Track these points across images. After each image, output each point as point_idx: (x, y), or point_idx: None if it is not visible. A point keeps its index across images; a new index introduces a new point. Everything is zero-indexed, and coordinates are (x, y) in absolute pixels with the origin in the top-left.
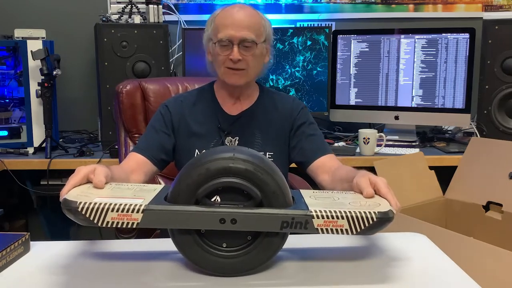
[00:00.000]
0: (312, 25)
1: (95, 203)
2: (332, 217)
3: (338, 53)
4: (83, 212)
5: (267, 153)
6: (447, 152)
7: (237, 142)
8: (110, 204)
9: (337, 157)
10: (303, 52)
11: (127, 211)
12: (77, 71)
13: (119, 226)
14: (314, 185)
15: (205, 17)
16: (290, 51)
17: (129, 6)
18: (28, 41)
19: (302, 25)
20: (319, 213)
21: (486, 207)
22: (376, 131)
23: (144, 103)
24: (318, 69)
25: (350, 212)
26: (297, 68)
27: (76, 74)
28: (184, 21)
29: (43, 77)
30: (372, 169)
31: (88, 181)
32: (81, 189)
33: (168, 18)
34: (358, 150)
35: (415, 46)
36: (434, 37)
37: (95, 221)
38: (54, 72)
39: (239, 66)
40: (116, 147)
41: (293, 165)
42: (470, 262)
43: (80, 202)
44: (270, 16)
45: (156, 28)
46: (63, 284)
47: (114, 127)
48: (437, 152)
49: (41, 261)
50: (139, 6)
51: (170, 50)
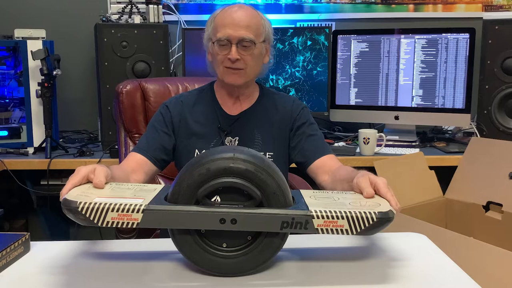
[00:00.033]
0: (312, 25)
1: (95, 203)
2: (332, 217)
3: (338, 53)
4: (83, 212)
5: (267, 153)
6: (447, 152)
7: (237, 142)
8: (110, 204)
9: (337, 157)
10: (303, 52)
11: (127, 211)
12: (77, 71)
13: (119, 226)
14: (314, 185)
15: (205, 17)
16: (290, 51)
17: (129, 6)
18: (28, 41)
19: (302, 25)
20: (319, 213)
21: (486, 207)
22: (376, 131)
23: (144, 103)
24: (318, 69)
25: (350, 212)
26: (297, 68)
27: (76, 74)
28: (184, 21)
29: (43, 77)
30: (372, 169)
31: (88, 181)
32: (81, 189)
33: (168, 18)
34: (358, 150)
35: (415, 46)
36: (434, 37)
37: (95, 221)
38: (54, 72)
39: (238, 65)
40: (116, 147)
41: (293, 165)
42: (470, 262)
43: (80, 202)
44: (270, 16)
45: (156, 28)
46: (63, 284)
47: (114, 127)
48: (437, 152)
49: (41, 261)
50: (139, 6)
51: (170, 50)
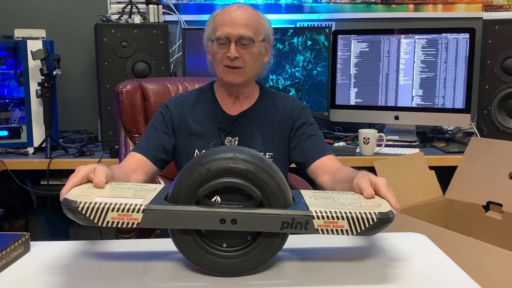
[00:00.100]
0: (312, 25)
1: (96, 203)
2: (333, 218)
3: (338, 53)
4: (84, 212)
5: (267, 154)
6: (447, 152)
7: (237, 142)
8: (111, 203)
9: (337, 157)
10: (303, 52)
11: (128, 211)
12: (77, 71)
13: (119, 226)
14: (314, 185)
15: (205, 17)
16: (290, 51)
17: (129, 6)
18: (28, 41)
19: (302, 25)
20: (319, 214)
21: (486, 207)
22: (376, 131)
23: (144, 103)
24: (318, 69)
25: (350, 212)
26: (297, 68)
27: (76, 74)
28: (184, 21)
29: (43, 77)
30: (372, 169)
31: (88, 181)
32: (82, 188)
33: (168, 18)
34: (358, 150)
35: (415, 46)
36: (434, 37)
37: (95, 221)
38: (54, 72)
39: (237, 64)
40: (116, 147)
41: (293, 165)
42: (470, 262)
43: (81, 202)
44: (270, 16)
45: (156, 28)
46: (63, 284)
47: (114, 127)
48: (437, 152)
49: (41, 261)
50: (139, 6)
51: (170, 50)
